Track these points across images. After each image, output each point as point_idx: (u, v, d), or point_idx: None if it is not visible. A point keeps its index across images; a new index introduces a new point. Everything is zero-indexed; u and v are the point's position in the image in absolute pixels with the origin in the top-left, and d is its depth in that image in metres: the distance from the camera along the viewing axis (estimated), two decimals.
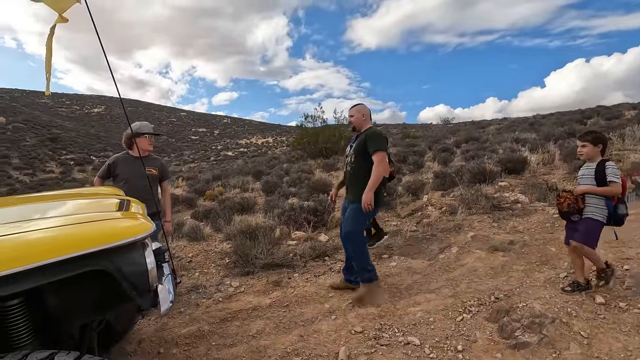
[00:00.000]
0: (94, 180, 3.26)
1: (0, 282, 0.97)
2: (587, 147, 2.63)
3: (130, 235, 1.22)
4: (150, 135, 3.18)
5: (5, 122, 49.35)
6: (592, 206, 2.59)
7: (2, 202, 1.95)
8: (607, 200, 2.55)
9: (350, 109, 3.25)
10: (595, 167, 2.59)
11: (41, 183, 31.77)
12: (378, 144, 2.92)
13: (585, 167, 2.70)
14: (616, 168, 2.54)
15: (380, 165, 2.89)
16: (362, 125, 3.17)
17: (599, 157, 2.64)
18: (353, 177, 3.10)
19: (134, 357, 2.50)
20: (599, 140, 2.62)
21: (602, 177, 2.53)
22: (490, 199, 5.33)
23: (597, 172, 2.56)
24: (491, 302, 2.83)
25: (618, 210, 2.53)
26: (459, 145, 14.24)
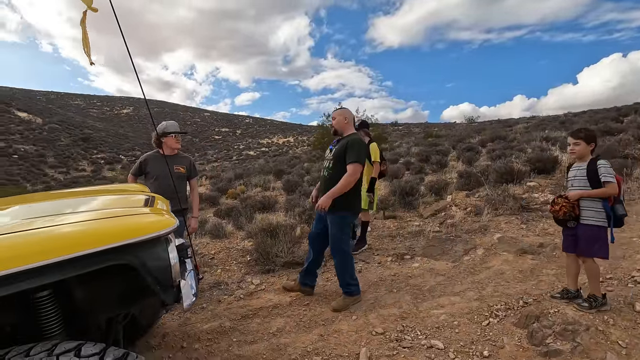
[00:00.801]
0: (127, 177, 3.38)
1: (31, 274, 1.00)
2: (580, 145, 2.45)
3: (154, 230, 1.24)
4: (177, 134, 3.24)
5: (42, 122, 52.08)
6: (590, 210, 2.40)
7: (35, 197, 2.04)
8: (604, 202, 2.37)
9: (333, 112, 3.19)
10: (587, 167, 2.42)
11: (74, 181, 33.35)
12: (357, 156, 2.86)
13: (575, 167, 2.53)
14: (609, 166, 2.37)
15: (352, 177, 2.84)
16: (343, 129, 3.09)
17: (589, 156, 2.48)
18: (329, 184, 2.97)
19: (158, 351, 2.55)
20: (592, 138, 2.45)
21: (595, 177, 2.36)
22: (519, 200, 5.13)
23: (589, 172, 2.39)
24: (520, 307, 2.71)
25: (616, 211, 2.34)
26: (484, 144, 13.82)
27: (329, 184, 2.96)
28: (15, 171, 35.22)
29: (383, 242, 4.76)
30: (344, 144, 2.95)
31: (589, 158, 2.47)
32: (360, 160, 2.87)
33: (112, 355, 1.07)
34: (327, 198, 2.82)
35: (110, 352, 1.09)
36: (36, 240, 1.09)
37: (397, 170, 9.63)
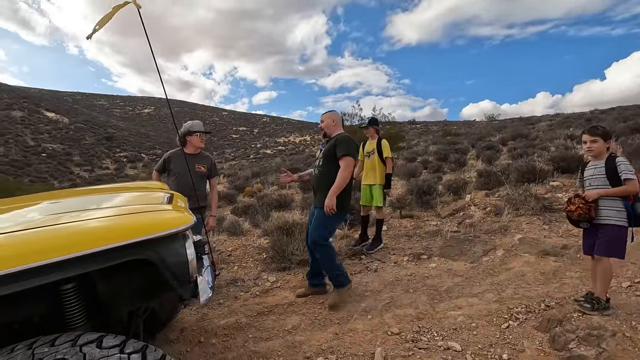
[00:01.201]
0: (152, 174, 3.49)
1: (57, 267, 1.04)
2: (598, 142, 2.35)
3: (173, 226, 1.26)
4: (202, 133, 3.31)
5: (69, 122, 54.12)
6: (610, 209, 2.28)
7: (61, 194, 2.12)
8: (625, 201, 2.26)
9: (322, 115, 3.22)
10: (605, 164, 2.32)
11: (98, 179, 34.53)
12: (347, 149, 2.87)
13: (591, 166, 2.42)
14: (628, 163, 2.27)
15: (346, 170, 2.85)
16: (332, 130, 3.14)
17: (605, 153, 2.37)
18: (320, 182, 3.03)
19: (176, 345, 2.61)
20: (609, 135, 2.35)
21: (614, 175, 2.25)
22: (541, 200, 4.97)
23: (608, 170, 2.29)
24: (541, 310, 2.63)
25: (637, 209, 2.23)
26: (505, 142, 13.47)
27: (320, 181, 3.03)
28: (44, 169, 36.78)
29: (399, 242, 4.71)
30: (333, 141, 3.00)
31: (606, 156, 2.36)
32: (350, 153, 2.88)
33: (132, 347, 1.10)
34: (330, 199, 2.82)
35: (130, 344, 1.11)
36: (62, 235, 1.13)
37: (415, 169, 9.50)
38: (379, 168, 4.25)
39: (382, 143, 4.25)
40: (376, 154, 4.26)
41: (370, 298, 3.15)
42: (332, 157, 2.97)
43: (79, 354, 1.01)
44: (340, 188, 2.85)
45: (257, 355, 2.40)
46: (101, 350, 1.05)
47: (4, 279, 0.98)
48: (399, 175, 9.14)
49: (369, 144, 4.41)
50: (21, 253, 1.02)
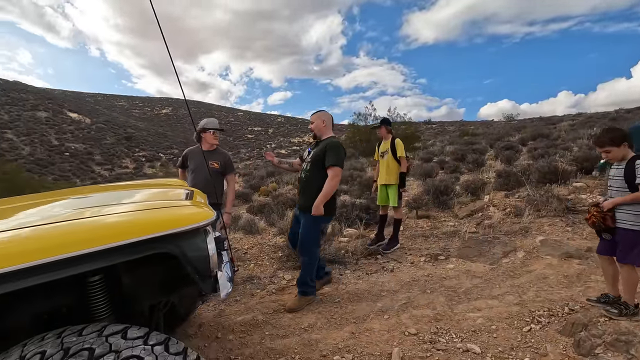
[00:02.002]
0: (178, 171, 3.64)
1: (84, 259, 1.07)
2: (611, 152, 2.25)
3: (194, 222, 1.28)
4: (215, 130, 3.39)
5: (90, 122, 55.79)
6: (628, 213, 2.18)
7: (84, 190, 2.18)
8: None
9: (311, 115, 3.17)
10: (625, 166, 2.20)
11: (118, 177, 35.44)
12: (336, 159, 2.86)
13: (615, 166, 2.29)
14: None
15: (333, 180, 2.85)
16: (322, 132, 3.09)
17: (630, 154, 2.22)
18: (306, 186, 3.02)
19: (194, 339, 2.65)
20: (620, 138, 2.21)
21: (631, 177, 2.14)
22: (564, 201, 4.82)
23: (627, 172, 2.17)
24: (565, 313, 2.55)
25: None
26: (525, 142, 13.14)
27: (305, 185, 3.02)
28: (67, 168, 38.03)
29: (416, 242, 4.66)
30: (323, 147, 2.95)
31: (630, 155, 2.22)
32: (339, 163, 2.88)
33: (155, 340, 1.12)
34: (317, 208, 2.83)
35: (154, 336, 1.13)
36: (88, 228, 1.16)
37: (431, 169, 9.37)
38: (393, 168, 4.22)
39: (395, 143, 4.22)
40: (390, 154, 4.23)
41: (386, 298, 3.12)
42: (320, 163, 2.93)
43: (105, 344, 1.04)
44: (327, 197, 2.85)
45: (274, 352, 2.41)
46: (126, 341, 1.07)
47: (35, 269, 1.01)
48: (415, 176, 9.04)
49: (384, 144, 4.38)
50: (49, 245, 1.05)
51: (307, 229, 2.99)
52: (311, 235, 3.00)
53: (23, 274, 1.00)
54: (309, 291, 3.10)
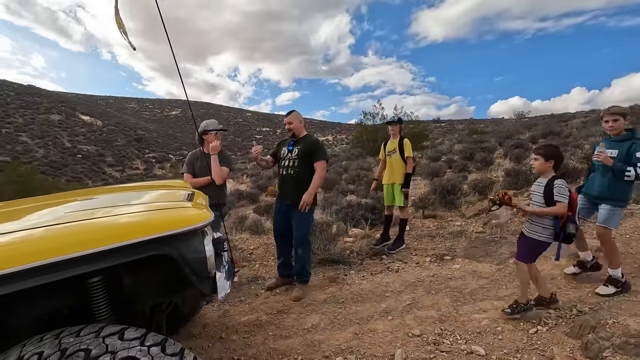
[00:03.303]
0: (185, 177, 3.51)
1: (78, 261, 1.09)
2: (538, 160, 2.54)
3: (191, 223, 1.29)
4: (216, 131, 3.37)
5: (102, 125, 56.72)
6: (536, 224, 2.50)
7: (88, 192, 2.21)
8: (555, 220, 2.43)
9: (287, 116, 3.35)
10: (546, 183, 2.49)
11: (128, 178, 35.95)
12: (323, 154, 3.22)
13: (537, 182, 2.60)
14: (564, 187, 2.40)
15: (322, 172, 3.21)
16: (300, 130, 3.36)
17: (551, 172, 2.52)
18: (295, 182, 3.23)
19: (198, 340, 2.67)
20: (551, 156, 2.50)
21: (550, 195, 2.43)
22: None
23: (546, 189, 2.46)
24: (573, 315, 2.50)
25: (567, 229, 2.41)
26: (535, 140, 12.93)
27: (296, 182, 3.22)
28: (80, 169, 38.73)
29: (422, 242, 4.62)
30: (308, 146, 3.25)
31: (551, 174, 2.51)
32: (325, 157, 3.24)
33: (152, 340, 1.13)
34: (309, 196, 3.11)
35: (150, 337, 1.15)
36: (83, 231, 1.18)
37: (438, 168, 9.29)
38: (400, 167, 4.19)
39: (403, 142, 4.19)
40: (398, 153, 4.20)
41: (390, 299, 3.10)
42: (307, 159, 3.22)
43: (101, 345, 1.05)
44: (317, 188, 3.18)
45: (277, 352, 2.42)
46: (122, 342, 1.08)
47: (32, 271, 1.03)
48: (422, 175, 8.97)
49: (391, 143, 4.35)
50: (44, 248, 1.07)
51: (304, 222, 3.26)
52: (308, 227, 3.31)
53: (20, 276, 1.02)
54: (308, 278, 3.41)
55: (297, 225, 3.25)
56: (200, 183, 3.21)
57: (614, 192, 2.77)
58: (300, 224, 3.24)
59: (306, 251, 3.30)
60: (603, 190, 2.84)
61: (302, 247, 3.28)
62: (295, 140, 3.34)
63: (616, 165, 2.66)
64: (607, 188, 2.80)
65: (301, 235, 3.25)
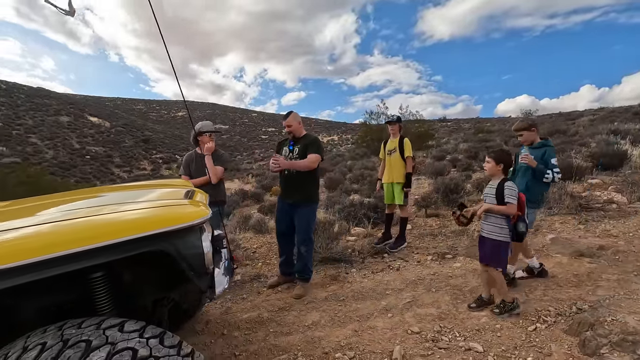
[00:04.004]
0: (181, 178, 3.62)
1: (80, 256, 1.13)
2: (489, 163, 2.66)
3: (188, 220, 1.33)
4: (211, 132, 3.43)
5: (110, 126, 57.35)
6: (493, 225, 2.60)
7: (91, 191, 2.27)
8: (507, 220, 2.57)
9: (286, 119, 3.37)
10: (497, 186, 2.60)
11: (136, 179, 36.31)
12: (318, 149, 3.24)
13: (489, 185, 2.71)
14: (513, 189, 2.54)
15: (310, 162, 3.17)
16: (299, 130, 3.39)
17: (500, 175, 2.65)
18: (297, 180, 3.26)
19: (201, 336, 2.72)
20: (501, 159, 2.63)
21: (501, 196, 2.55)
22: (577, 198, 4.70)
23: (498, 191, 2.58)
24: (572, 313, 2.50)
25: (517, 227, 2.56)
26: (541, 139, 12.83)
27: (296, 182, 3.25)
28: (88, 170, 39.23)
29: (423, 241, 4.63)
30: (306, 143, 3.28)
31: (501, 178, 2.63)
32: (320, 153, 3.24)
33: (150, 333, 1.17)
34: (288, 164, 3.17)
35: (149, 329, 1.19)
36: (78, 228, 1.22)
37: (442, 167, 9.27)
38: (400, 167, 4.21)
39: (404, 142, 4.20)
40: (397, 152, 4.22)
41: (391, 296, 3.13)
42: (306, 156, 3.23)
43: (101, 337, 1.09)
44: (298, 168, 3.18)
45: (277, 348, 2.46)
46: (122, 334, 1.12)
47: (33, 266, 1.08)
48: (426, 174, 8.95)
49: (391, 142, 4.36)
50: (46, 244, 1.12)
51: (307, 220, 3.29)
52: (310, 226, 3.33)
53: (21, 271, 1.06)
54: (310, 276, 3.43)
55: (300, 224, 3.29)
56: (198, 183, 3.28)
57: (532, 194, 3.01)
58: (302, 222, 3.28)
59: (309, 249, 3.34)
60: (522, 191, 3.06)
61: (305, 246, 3.31)
62: (295, 139, 3.38)
63: (539, 167, 2.98)
64: (525, 189, 3.00)
65: (304, 233, 3.29)
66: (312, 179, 3.28)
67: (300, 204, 3.26)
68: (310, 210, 3.28)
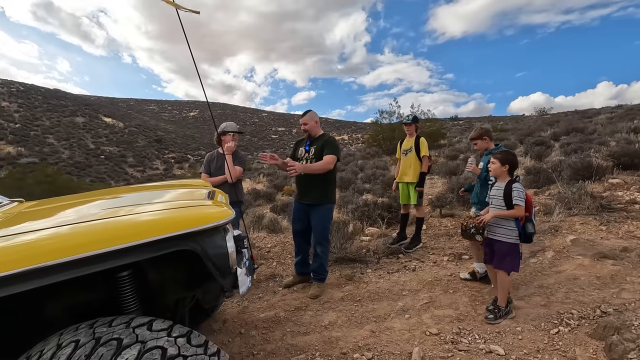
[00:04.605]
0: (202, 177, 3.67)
1: (111, 255, 1.15)
2: (495, 164, 2.65)
3: (214, 220, 1.34)
4: (234, 133, 3.51)
5: (123, 126, 58.36)
6: (503, 228, 2.57)
7: (114, 192, 2.31)
8: (517, 221, 2.54)
9: (303, 117, 3.37)
10: (504, 188, 2.57)
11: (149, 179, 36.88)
12: (334, 150, 3.20)
13: (496, 187, 2.68)
14: (521, 190, 2.51)
15: (327, 164, 3.14)
16: (316, 131, 3.37)
17: (506, 177, 2.64)
18: (313, 181, 3.24)
19: (219, 335, 2.74)
20: (507, 161, 2.61)
21: (509, 198, 2.52)
22: (598, 199, 4.58)
23: (505, 193, 2.55)
24: (596, 316, 2.45)
25: (526, 229, 2.53)
26: (557, 137, 12.56)
27: (314, 180, 3.23)
28: (103, 170, 39.99)
29: (439, 241, 4.58)
30: (322, 143, 3.26)
31: (508, 179, 2.62)
32: (336, 153, 3.20)
33: (178, 332, 1.18)
34: (304, 168, 3.08)
35: (177, 328, 1.20)
36: (110, 227, 1.24)
37: (456, 166, 9.16)
38: (416, 166, 4.17)
39: (420, 141, 4.17)
40: (414, 152, 4.19)
41: (407, 297, 3.10)
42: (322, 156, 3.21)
43: (132, 335, 1.11)
44: (314, 171, 3.14)
45: (295, 348, 2.46)
46: (151, 333, 1.14)
47: (65, 266, 1.10)
48: (440, 174, 8.86)
49: (407, 142, 4.33)
50: (80, 243, 1.14)
51: (324, 220, 3.28)
52: (327, 225, 3.32)
53: (54, 270, 1.09)
54: (325, 276, 3.43)
55: (316, 224, 3.30)
56: (217, 181, 3.37)
57: (480, 198, 3.21)
58: (318, 222, 3.28)
59: (325, 249, 3.34)
60: (474, 196, 3.35)
61: (321, 246, 3.31)
62: (311, 140, 3.38)
63: (482, 174, 3.18)
64: (476, 194, 3.28)
65: (320, 234, 3.30)
66: (328, 179, 3.27)
67: (316, 204, 3.27)
68: (326, 210, 3.28)
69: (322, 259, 3.34)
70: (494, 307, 2.62)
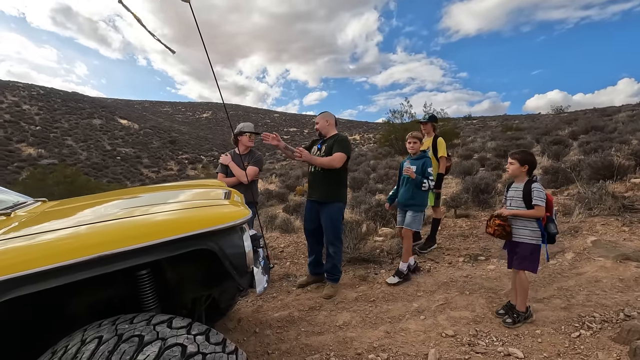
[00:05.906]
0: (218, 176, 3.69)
1: (130, 254, 1.18)
2: (513, 165, 2.59)
3: (231, 220, 1.36)
4: (251, 133, 3.54)
5: (138, 128, 59.53)
6: (526, 229, 2.51)
7: (133, 191, 2.36)
8: (538, 222, 2.47)
9: (317, 117, 3.47)
10: (523, 188, 2.52)
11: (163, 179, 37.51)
12: (343, 148, 3.20)
13: (513, 188, 2.62)
14: (541, 190, 2.45)
15: (334, 161, 3.15)
16: (328, 130, 3.40)
17: (525, 177, 2.58)
18: (325, 179, 3.26)
19: (234, 334, 2.77)
20: (526, 161, 2.55)
21: (529, 198, 2.47)
22: (620, 199, 4.45)
23: (525, 194, 2.50)
24: (620, 319, 2.37)
25: (549, 229, 2.46)
26: (575, 136, 12.25)
27: (323, 180, 3.26)
28: (119, 171, 40.87)
29: (454, 242, 4.52)
30: (332, 142, 3.27)
31: (526, 179, 2.56)
32: (345, 152, 3.20)
33: (197, 330, 1.20)
34: (309, 158, 3.12)
35: (196, 326, 1.22)
36: (130, 226, 1.27)
37: (470, 166, 9.02)
38: (434, 166, 4.11)
39: (437, 141, 4.11)
40: (431, 152, 4.13)
41: (422, 298, 3.07)
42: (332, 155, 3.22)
43: (152, 332, 1.13)
44: (322, 164, 3.18)
45: (309, 348, 2.46)
46: (171, 330, 1.16)
47: (87, 264, 1.13)
48: (454, 174, 8.74)
49: (425, 142, 4.28)
50: (101, 241, 1.17)
51: (335, 218, 3.27)
52: (339, 223, 3.30)
53: (75, 269, 1.11)
54: (339, 277, 3.43)
55: (326, 222, 3.30)
56: (230, 182, 3.41)
57: (415, 200, 3.38)
58: (328, 220, 3.28)
59: (337, 250, 3.33)
60: (408, 198, 3.45)
61: (334, 246, 3.31)
62: (324, 139, 3.41)
63: (417, 178, 3.32)
64: (410, 197, 3.42)
65: (332, 233, 3.29)
66: (336, 177, 3.27)
67: (325, 201, 3.27)
68: (335, 208, 3.27)
69: (335, 260, 3.34)
70: (513, 312, 2.55)
